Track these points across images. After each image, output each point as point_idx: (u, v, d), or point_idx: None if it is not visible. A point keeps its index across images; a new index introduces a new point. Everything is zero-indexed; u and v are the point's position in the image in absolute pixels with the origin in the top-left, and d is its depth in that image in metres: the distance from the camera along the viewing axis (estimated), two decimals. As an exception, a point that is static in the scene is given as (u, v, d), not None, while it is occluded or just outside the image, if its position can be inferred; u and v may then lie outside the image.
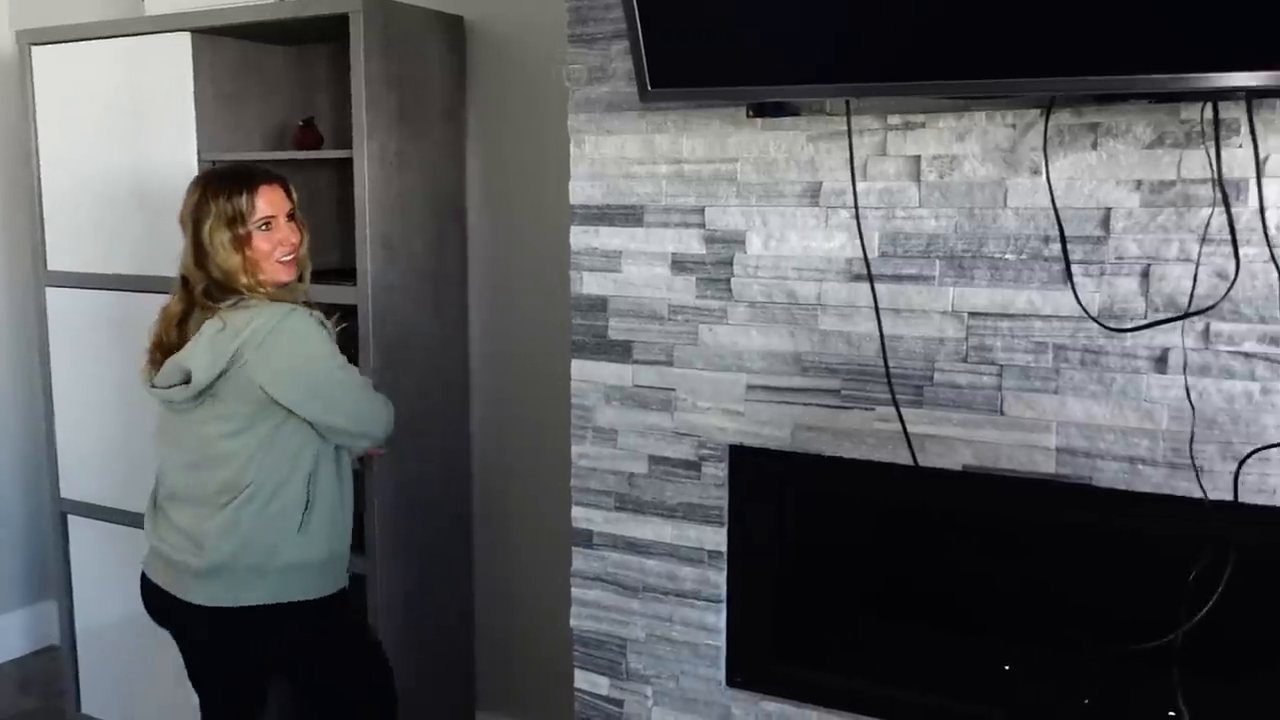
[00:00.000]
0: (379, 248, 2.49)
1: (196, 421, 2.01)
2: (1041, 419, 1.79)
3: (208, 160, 2.65)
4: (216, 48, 2.65)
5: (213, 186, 2.01)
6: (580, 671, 2.25)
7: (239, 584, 2.01)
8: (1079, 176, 1.73)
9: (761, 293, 1.98)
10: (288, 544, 2.02)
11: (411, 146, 2.55)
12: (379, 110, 2.45)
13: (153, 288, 2.71)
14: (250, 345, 1.93)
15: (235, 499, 1.98)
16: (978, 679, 2.00)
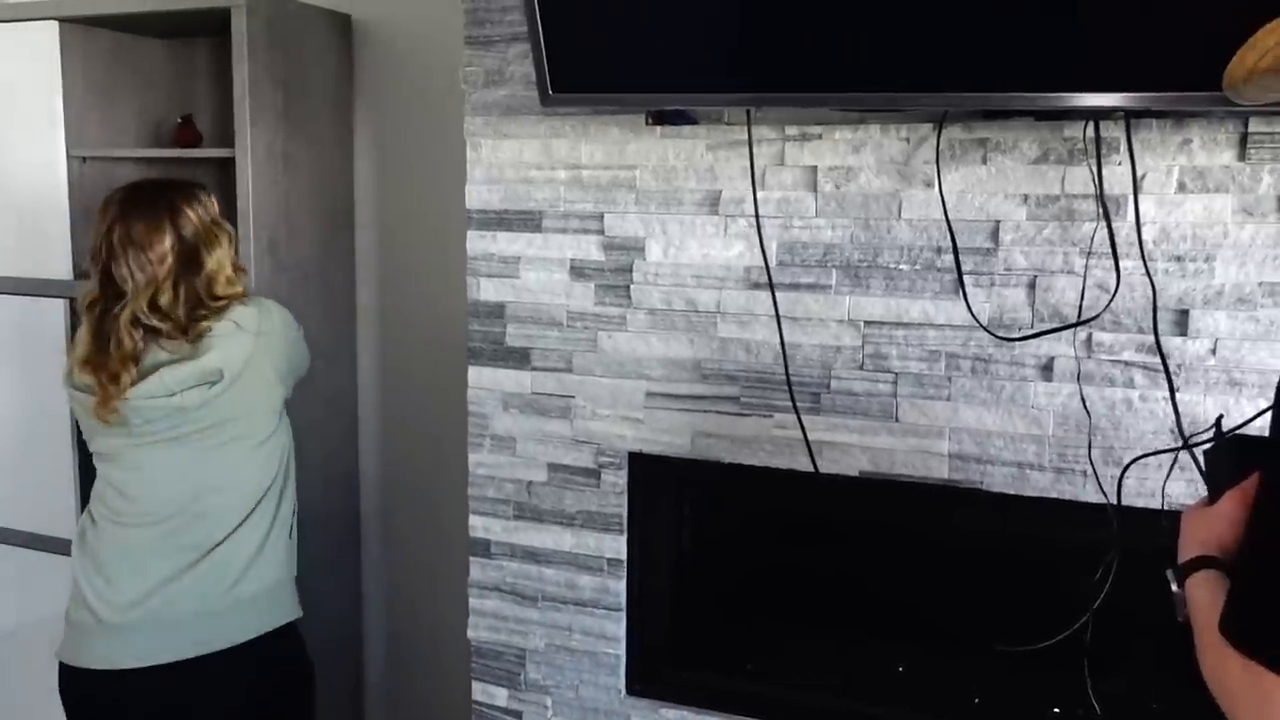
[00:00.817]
0: (265, 251, 2.40)
1: (205, 448, 1.81)
2: (935, 425, 1.83)
3: (77, 156, 2.52)
4: (88, 38, 2.52)
5: (198, 197, 1.87)
6: (478, 683, 2.21)
7: (274, 605, 1.88)
8: (969, 189, 1.77)
9: (661, 300, 1.98)
10: (292, 551, 1.94)
11: (297, 147, 2.47)
12: (263, 108, 2.36)
13: (18, 289, 2.57)
14: (262, 338, 1.85)
15: (251, 516, 1.83)
16: (872, 680, 2.05)
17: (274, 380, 1.89)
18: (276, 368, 1.90)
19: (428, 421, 2.64)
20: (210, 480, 1.81)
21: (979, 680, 1.99)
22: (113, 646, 1.77)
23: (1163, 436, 1.71)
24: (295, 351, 1.99)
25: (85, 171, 2.55)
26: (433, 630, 2.70)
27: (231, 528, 1.81)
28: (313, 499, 2.58)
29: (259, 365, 1.84)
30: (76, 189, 2.53)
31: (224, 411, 1.80)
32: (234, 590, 1.81)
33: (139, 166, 2.67)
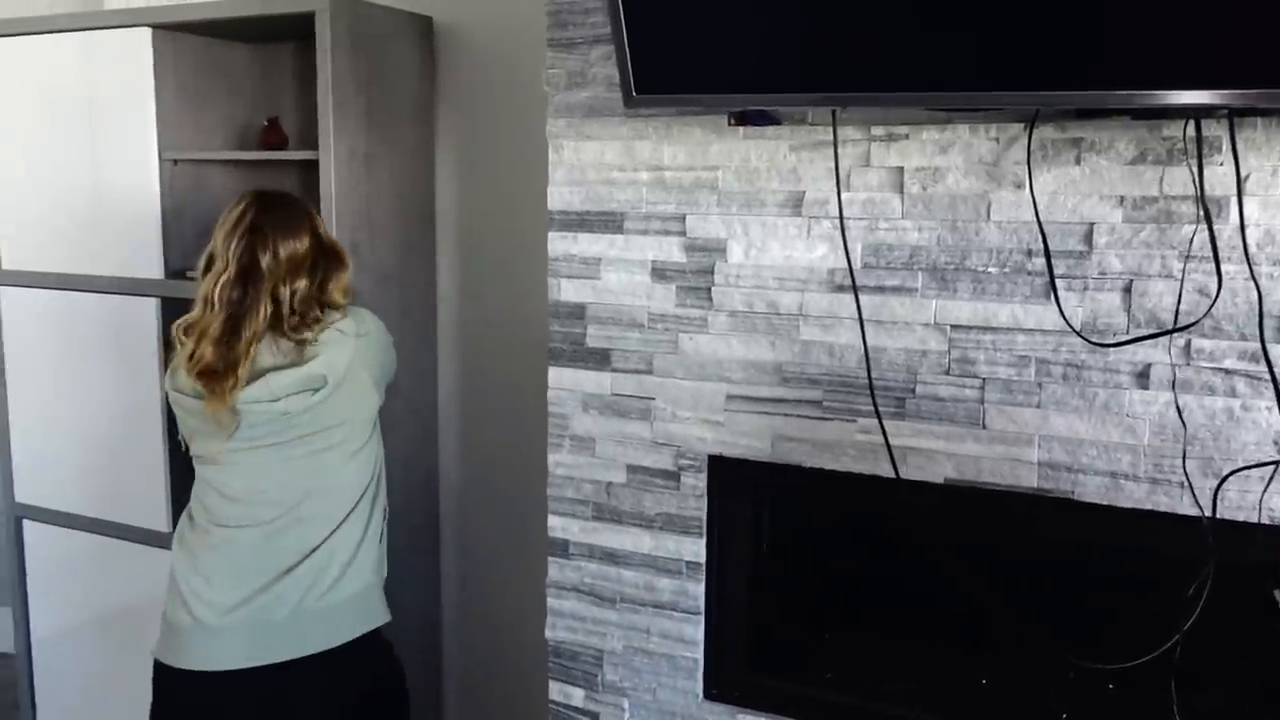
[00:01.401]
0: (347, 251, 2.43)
1: (306, 453, 1.84)
2: (1024, 432, 1.79)
3: (169, 159, 2.58)
4: (178, 44, 2.58)
5: (296, 203, 1.95)
6: (555, 683, 2.22)
7: (366, 608, 1.92)
8: (1062, 191, 1.73)
9: (742, 302, 1.97)
10: (383, 556, 1.98)
11: (379, 148, 2.50)
12: (346, 111, 2.40)
13: (109, 288, 2.65)
14: (362, 342, 1.91)
15: (350, 517, 1.87)
16: (953, 692, 2.01)
17: (371, 387, 1.93)
18: (373, 374, 1.94)
19: (507, 422, 2.66)
20: (310, 485, 1.84)
21: (1064, 696, 1.94)
22: (210, 648, 1.81)
23: (1265, 448, 1.65)
24: (388, 358, 2.03)
25: (176, 174, 2.62)
26: (511, 630, 2.72)
27: (328, 532, 1.84)
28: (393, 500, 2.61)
29: (358, 372, 1.88)
30: (168, 191, 2.60)
31: (325, 418, 1.84)
32: (330, 594, 1.84)
33: (227, 169, 2.74)
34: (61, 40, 2.65)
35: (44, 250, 2.75)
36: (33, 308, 2.79)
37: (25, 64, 2.72)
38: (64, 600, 2.87)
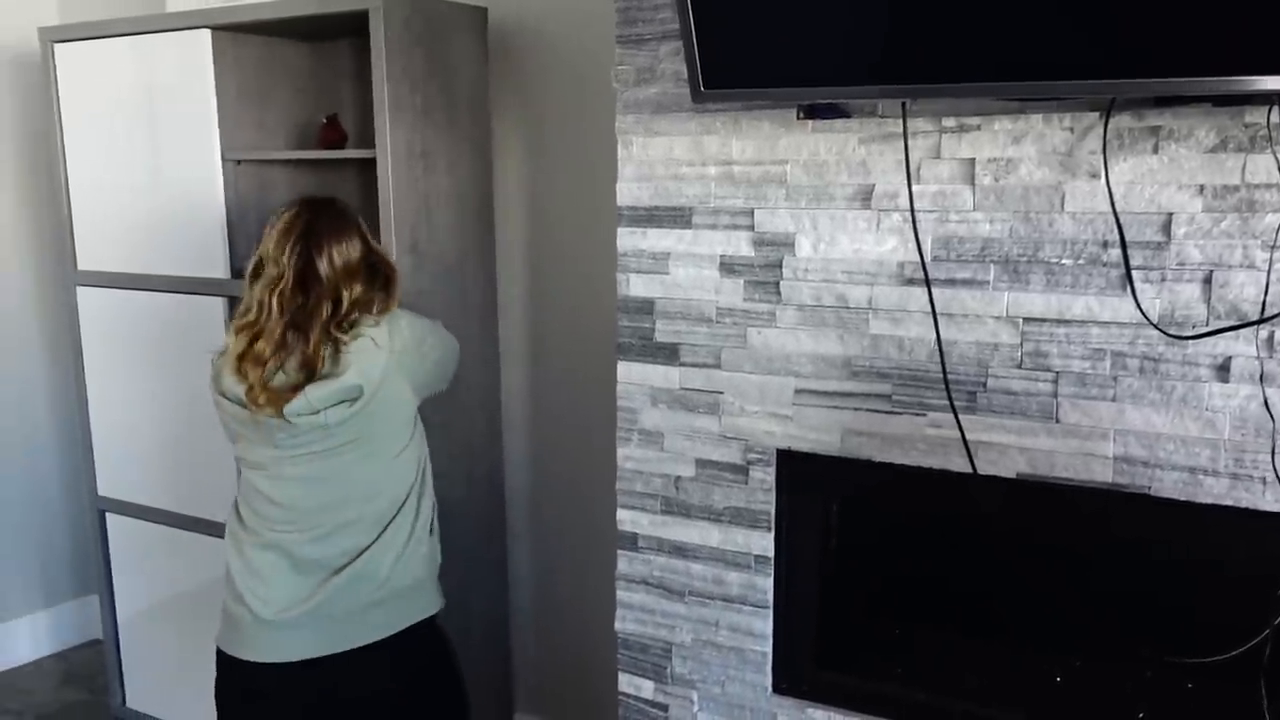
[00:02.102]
0: (406, 248, 2.45)
1: (348, 461, 1.88)
2: (1099, 427, 1.76)
3: (231, 159, 2.62)
4: (238, 44, 2.62)
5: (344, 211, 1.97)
6: (624, 675, 2.24)
7: (418, 598, 1.97)
8: (1139, 180, 1.70)
9: (811, 296, 1.96)
10: (434, 548, 2.01)
11: (436, 144, 2.51)
12: (402, 107, 2.41)
13: (180, 288, 2.70)
14: (398, 354, 1.90)
15: (395, 518, 1.90)
16: (1028, 690, 1.98)
17: (408, 394, 1.94)
18: (413, 381, 1.95)
19: (577, 416, 2.69)
20: (355, 491, 1.88)
21: (1143, 694, 1.91)
22: (269, 641, 1.87)
23: (1354, 442, 1.60)
24: (430, 362, 2.01)
25: (239, 174, 2.66)
26: (582, 622, 2.74)
27: (377, 533, 1.88)
28: (457, 494, 2.65)
29: (393, 381, 1.89)
30: (231, 191, 2.64)
31: (362, 427, 1.86)
32: (382, 589, 1.89)
33: (288, 168, 2.77)
34: (125, 44, 2.70)
35: (116, 251, 2.82)
36: (108, 307, 2.87)
37: (91, 69, 2.78)
38: (146, 587, 2.96)
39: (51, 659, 3.55)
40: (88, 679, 3.40)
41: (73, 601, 3.64)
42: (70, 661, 3.55)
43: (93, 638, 3.59)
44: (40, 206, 3.40)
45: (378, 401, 1.86)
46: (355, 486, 1.87)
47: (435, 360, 2.04)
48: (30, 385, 3.45)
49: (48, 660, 3.54)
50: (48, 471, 3.54)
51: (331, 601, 1.85)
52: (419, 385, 1.97)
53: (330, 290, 1.85)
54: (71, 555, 3.60)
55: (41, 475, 3.52)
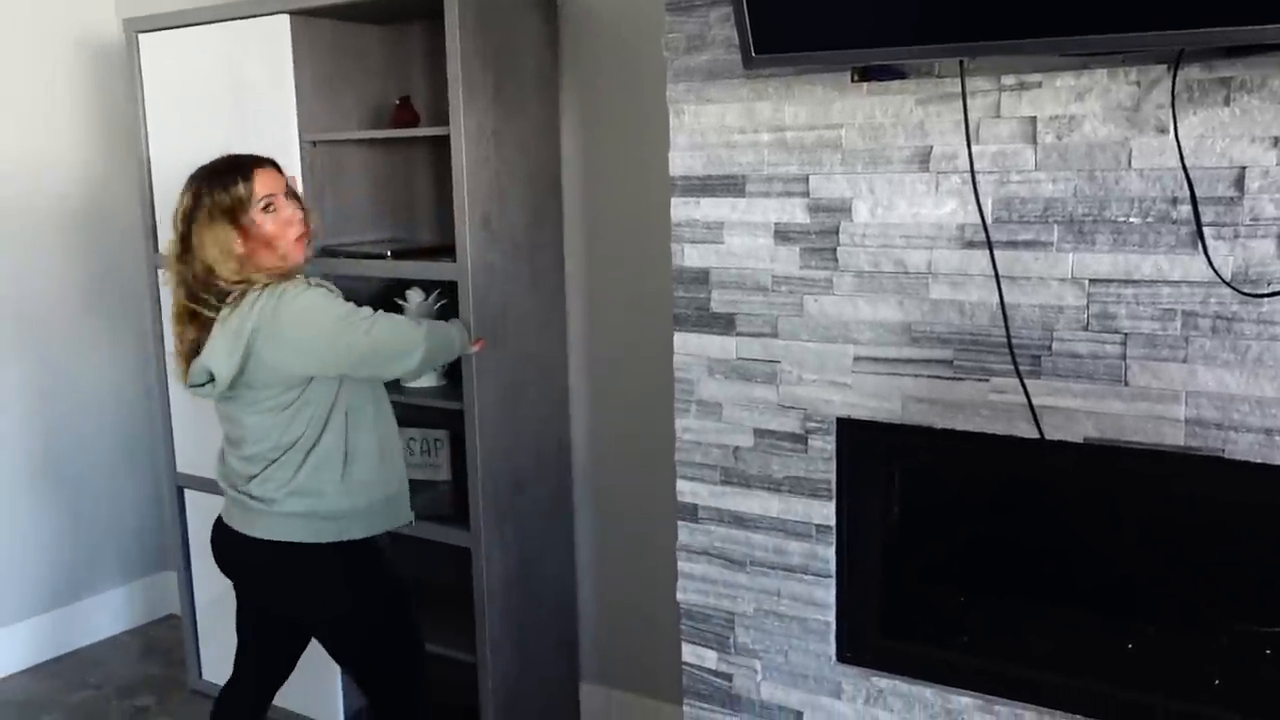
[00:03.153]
0: (478, 225, 2.49)
1: (236, 408, 2.10)
2: (1169, 389, 1.71)
3: (309, 141, 2.68)
4: (314, 29, 2.67)
5: (206, 184, 2.05)
6: (688, 645, 2.25)
7: (293, 525, 2.10)
8: (1210, 134, 1.64)
9: (869, 262, 1.94)
10: (333, 493, 2.10)
11: (506, 122, 2.54)
12: (475, 86, 2.44)
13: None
14: (259, 335, 1.98)
15: (281, 459, 2.08)
16: (1098, 656, 1.95)
17: (286, 366, 2.02)
18: (290, 358, 2.02)
19: (635, 387, 2.69)
20: (248, 433, 2.10)
21: (1218, 660, 1.86)
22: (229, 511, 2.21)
23: None
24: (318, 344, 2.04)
25: (316, 154, 2.72)
26: (644, 593, 2.76)
27: (262, 467, 2.10)
28: (525, 467, 2.69)
29: (260, 356, 2.00)
30: (309, 172, 2.70)
31: (239, 389, 2.05)
32: (267, 505, 2.10)
33: (362, 148, 2.83)
34: (208, 32, 2.78)
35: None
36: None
37: (174, 57, 2.86)
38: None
39: (129, 634, 3.67)
40: (165, 653, 3.51)
41: (151, 577, 3.75)
42: (148, 636, 3.66)
43: (169, 613, 3.70)
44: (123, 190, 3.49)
45: (247, 376, 2.01)
46: (248, 429, 2.10)
47: (346, 345, 2.05)
48: (110, 365, 3.56)
49: (126, 635, 3.65)
50: (127, 449, 3.65)
51: (242, 500, 2.15)
52: (306, 362, 2.04)
53: (194, 259, 2.03)
54: (150, 532, 3.71)
55: (121, 453, 3.63)
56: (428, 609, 2.89)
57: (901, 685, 2.02)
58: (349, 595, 2.18)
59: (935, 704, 1.99)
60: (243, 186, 2.02)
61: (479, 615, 2.61)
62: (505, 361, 2.59)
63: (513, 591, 2.67)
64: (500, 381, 2.58)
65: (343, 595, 2.18)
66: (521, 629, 2.71)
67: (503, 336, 2.58)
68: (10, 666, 3.39)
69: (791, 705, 2.14)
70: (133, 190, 3.29)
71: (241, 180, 2.03)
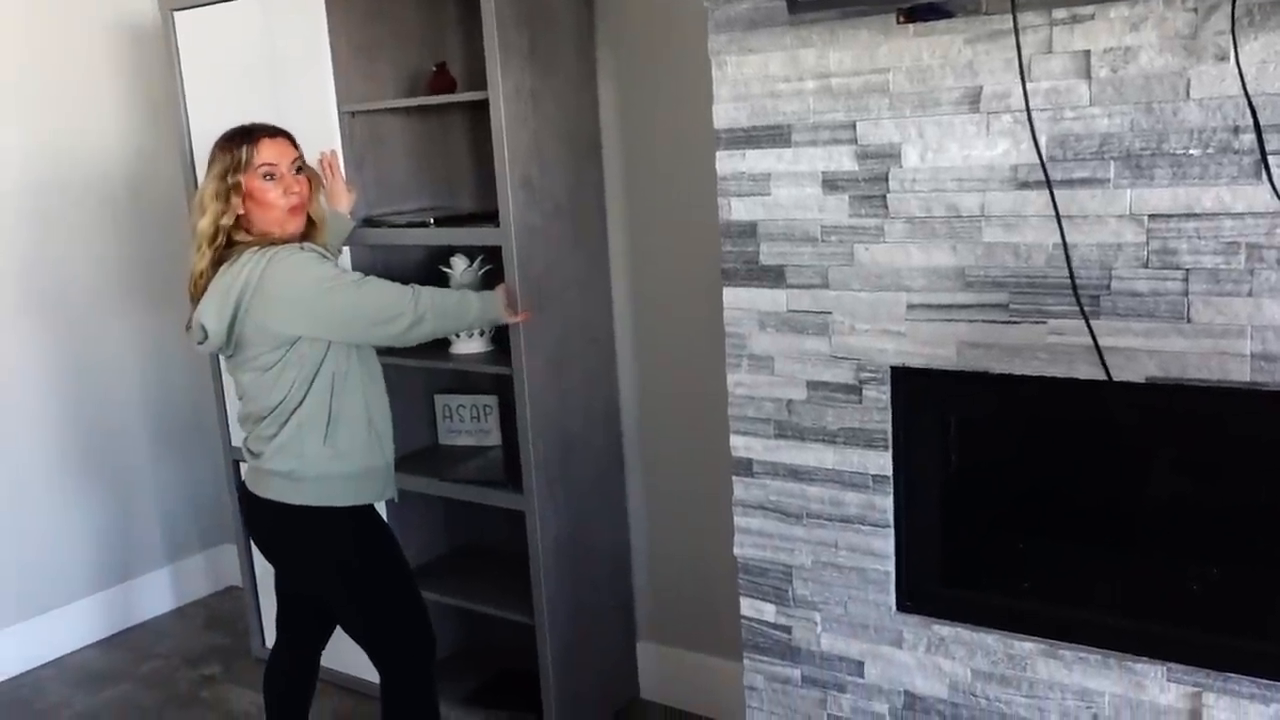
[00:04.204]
0: (519, 188, 2.49)
1: (234, 365, 2.20)
2: (1234, 324, 1.68)
3: (347, 111, 2.69)
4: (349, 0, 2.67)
5: (218, 146, 2.17)
6: (746, 599, 2.25)
7: (278, 484, 2.17)
8: (1272, 60, 1.59)
9: (920, 207, 1.91)
10: (313, 456, 2.15)
11: (543, 83, 2.53)
12: (510, 49, 2.43)
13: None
14: (247, 292, 2.07)
15: (267, 418, 2.16)
16: (1164, 599, 1.93)
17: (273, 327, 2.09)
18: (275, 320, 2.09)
19: (685, 344, 2.68)
20: (241, 391, 2.21)
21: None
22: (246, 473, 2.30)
23: None
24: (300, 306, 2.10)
25: (354, 124, 2.73)
26: (699, 549, 2.76)
27: (252, 425, 2.21)
28: (574, 428, 2.70)
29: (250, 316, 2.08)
30: (348, 142, 2.71)
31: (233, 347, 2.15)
32: (259, 461, 2.20)
33: (399, 116, 2.82)
34: (242, 6, 2.78)
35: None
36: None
37: (210, 34, 2.87)
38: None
39: (194, 605, 3.75)
40: (228, 623, 3.58)
41: (213, 550, 3.82)
42: (211, 608, 3.74)
43: (231, 584, 3.77)
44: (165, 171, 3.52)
45: (238, 333, 2.10)
46: (244, 387, 2.21)
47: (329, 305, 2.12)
48: (156, 344, 3.61)
49: (190, 607, 3.74)
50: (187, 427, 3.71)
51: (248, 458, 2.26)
52: (291, 320, 2.10)
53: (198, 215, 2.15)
54: (210, 505, 3.77)
55: (173, 429, 3.69)
56: (483, 574, 2.94)
57: (964, 632, 2.02)
58: (333, 562, 2.22)
59: (998, 650, 1.98)
60: (245, 150, 2.13)
61: (534, 578, 2.63)
62: (551, 325, 2.59)
63: (566, 553, 2.69)
64: (547, 345, 2.58)
65: (327, 561, 2.22)
66: (577, 590, 2.73)
67: (548, 299, 2.58)
68: (79, 641, 3.48)
69: (852, 655, 2.14)
70: (175, 169, 3.32)
71: (246, 144, 2.14)
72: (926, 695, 2.06)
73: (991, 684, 1.99)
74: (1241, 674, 1.76)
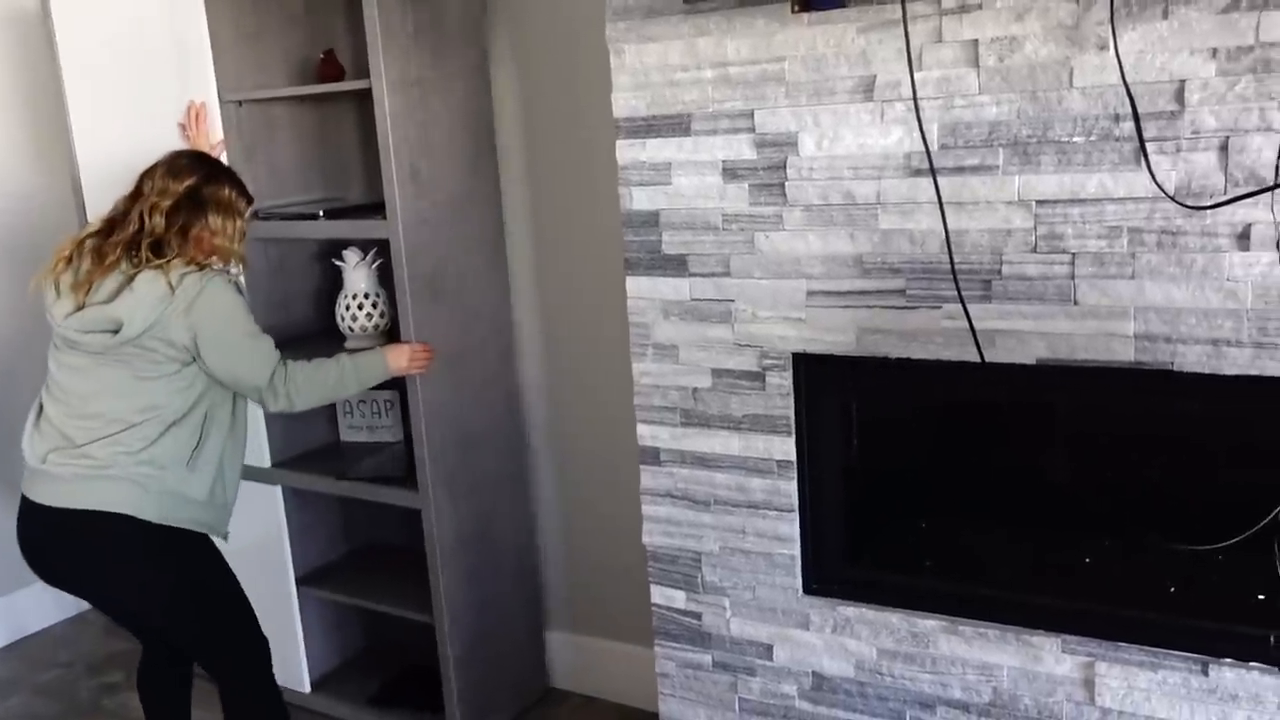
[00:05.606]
0: (407, 179, 2.41)
1: (109, 363, 2.06)
2: (1118, 306, 1.74)
3: (231, 100, 2.59)
4: (228, -18, 2.57)
5: (230, 178, 2.18)
6: (656, 587, 2.26)
7: (125, 492, 2.05)
8: (1149, 49, 1.64)
9: (817, 195, 1.93)
10: (175, 473, 2.09)
11: (431, 71, 2.45)
12: (395, 36, 2.34)
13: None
14: (179, 307, 2.02)
15: (134, 426, 2.05)
16: (1060, 574, 1.99)
17: (178, 342, 2.04)
18: (182, 338, 2.04)
19: (592, 334, 2.67)
20: (106, 390, 2.07)
21: (1173, 569, 1.91)
22: (36, 487, 2.11)
23: (1379, 301, 1.58)
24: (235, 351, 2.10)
25: (241, 114, 2.63)
26: (610, 538, 2.76)
27: (121, 427, 2.05)
28: (477, 426, 2.64)
29: (160, 332, 2.02)
30: (235, 130, 2.62)
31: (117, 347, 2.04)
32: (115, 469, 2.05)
33: (289, 105, 2.74)
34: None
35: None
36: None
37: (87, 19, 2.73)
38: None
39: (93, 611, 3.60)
40: (129, 630, 3.46)
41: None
42: (108, 615, 3.60)
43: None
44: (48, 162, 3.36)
45: (144, 338, 2.02)
46: (109, 386, 2.07)
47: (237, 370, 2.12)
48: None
49: (89, 613, 3.59)
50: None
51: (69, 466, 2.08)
52: (205, 356, 2.07)
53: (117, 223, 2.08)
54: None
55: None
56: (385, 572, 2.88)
57: (868, 613, 2.05)
58: (162, 578, 2.13)
59: (901, 629, 2.02)
60: (245, 203, 2.19)
61: (433, 575, 2.58)
62: (445, 319, 2.54)
63: (469, 549, 2.65)
64: (442, 339, 2.52)
65: (154, 576, 2.13)
66: (480, 585, 2.69)
67: (441, 293, 2.53)
68: (-28, 651, 3.33)
69: (761, 639, 2.16)
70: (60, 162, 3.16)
71: (248, 203, 2.20)
72: (834, 675, 2.10)
73: (896, 662, 2.04)
74: (1131, 643, 1.83)
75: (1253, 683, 1.74)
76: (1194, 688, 1.79)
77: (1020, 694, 1.93)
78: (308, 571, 2.89)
